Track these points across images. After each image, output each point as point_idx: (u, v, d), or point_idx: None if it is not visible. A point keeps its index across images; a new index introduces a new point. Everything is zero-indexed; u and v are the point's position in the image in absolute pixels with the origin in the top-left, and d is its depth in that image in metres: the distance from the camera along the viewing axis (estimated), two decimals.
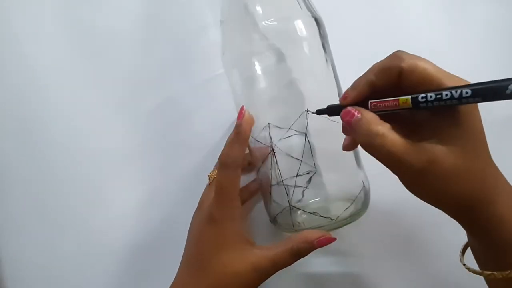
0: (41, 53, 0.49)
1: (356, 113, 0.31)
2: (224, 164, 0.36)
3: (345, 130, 0.34)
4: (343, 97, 0.33)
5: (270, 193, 0.39)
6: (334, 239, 0.36)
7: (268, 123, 0.37)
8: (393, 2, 0.49)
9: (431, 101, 0.28)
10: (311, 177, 0.38)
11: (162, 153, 0.48)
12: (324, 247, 0.35)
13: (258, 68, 0.38)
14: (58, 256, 0.47)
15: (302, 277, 0.45)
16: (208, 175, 0.42)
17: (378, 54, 0.46)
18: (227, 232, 0.36)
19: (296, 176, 0.38)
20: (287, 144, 0.38)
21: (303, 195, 0.38)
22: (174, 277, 0.38)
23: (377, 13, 0.49)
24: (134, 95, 0.49)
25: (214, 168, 0.43)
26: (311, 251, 0.35)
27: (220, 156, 0.37)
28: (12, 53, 0.49)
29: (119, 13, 0.50)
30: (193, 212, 0.41)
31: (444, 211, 0.32)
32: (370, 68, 0.32)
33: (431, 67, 0.29)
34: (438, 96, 0.28)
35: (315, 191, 0.38)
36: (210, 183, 0.41)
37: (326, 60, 0.39)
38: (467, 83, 0.28)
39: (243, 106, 0.37)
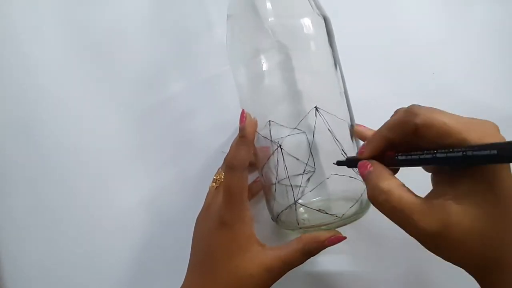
0: (42, 53, 0.49)
1: (368, 166, 0.32)
2: (232, 167, 0.36)
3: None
4: (360, 152, 0.34)
5: (274, 191, 0.39)
6: (345, 238, 0.36)
7: (269, 121, 0.38)
8: (394, 2, 0.49)
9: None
10: (310, 176, 0.38)
11: (165, 151, 0.48)
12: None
13: (265, 65, 0.38)
14: (58, 256, 0.47)
15: (300, 276, 0.45)
16: (214, 178, 0.42)
17: (378, 53, 0.48)
18: (239, 235, 0.36)
19: (303, 174, 0.38)
20: (291, 142, 0.38)
21: (304, 193, 0.38)
22: (175, 275, 0.38)
23: (377, 12, 0.49)
24: (136, 93, 0.49)
25: (218, 171, 0.43)
26: (322, 250, 0.36)
27: (226, 159, 0.38)
28: (12, 53, 0.49)
29: (120, 13, 0.50)
30: (195, 210, 0.41)
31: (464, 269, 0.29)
32: (385, 123, 0.32)
33: (450, 120, 0.28)
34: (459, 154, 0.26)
35: (317, 189, 0.38)
36: (217, 187, 0.41)
37: (333, 58, 0.39)
38: (492, 139, 0.26)
39: (243, 110, 0.37)
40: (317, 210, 0.37)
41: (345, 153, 0.37)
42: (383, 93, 0.47)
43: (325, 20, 0.39)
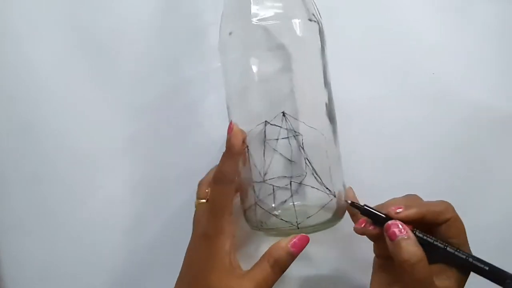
0: (42, 52, 0.48)
1: (404, 231, 0.33)
2: (217, 180, 0.36)
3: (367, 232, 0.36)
4: (395, 210, 0.34)
5: (247, 188, 0.38)
6: (308, 239, 0.35)
7: (265, 121, 0.37)
8: (393, 2, 0.49)
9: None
10: (290, 181, 0.37)
11: (165, 150, 0.48)
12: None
13: (255, 66, 0.38)
14: (58, 256, 0.47)
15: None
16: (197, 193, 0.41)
17: (378, 54, 0.48)
18: (218, 251, 0.35)
19: (292, 178, 0.37)
20: (278, 144, 0.38)
21: (275, 197, 0.37)
22: (171, 274, 0.38)
23: (377, 13, 0.49)
24: (136, 92, 0.48)
25: (199, 185, 0.42)
26: (291, 258, 0.35)
27: (214, 172, 0.37)
28: (12, 52, 0.48)
29: (121, 10, 0.49)
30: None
31: None
32: (426, 204, 0.35)
33: (463, 226, 0.35)
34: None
35: (299, 194, 0.37)
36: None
37: (323, 66, 0.39)
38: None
39: (231, 121, 0.37)
40: (272, 215, 0.36)
41: (309, 161, 0.37)
42: (383, 94, 0.47)
43: (319, 26, 0.39)
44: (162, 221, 0.47)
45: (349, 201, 0.37)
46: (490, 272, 0.33)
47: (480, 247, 0.45)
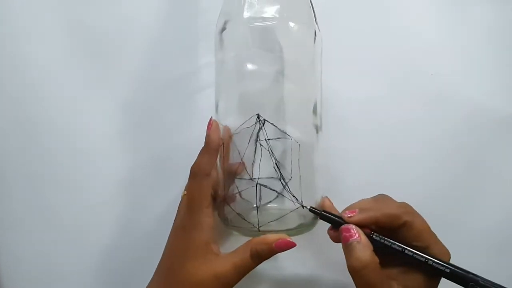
0: (41, 52, 0.48)
1: (356, 235, 0.34)
2: (193, 173, 0.38)
3: (335, 238, 0.37)
4: (348, 215, 0.35)
5: (219, 186, 0.39)
6: (294, 245, 0.36)
7: (258, 118, 0.38)
8: (392, 3, 0.48)
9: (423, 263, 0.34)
10: (256, 184, 0.38)
11: (160, 147, 0.48)
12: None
13: (245, 65, 0.39)
14: (57, 256, 0.47)
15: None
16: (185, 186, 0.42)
17: (376, 54, 0.47)
18: (195, 241, 0.36)
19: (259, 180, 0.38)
20: (257, 145, 0.38)
21: (260, 196, 0.38)
22: None
23: (376, 13, 0.48)
24: (136, 91, 0.48)
25: None
26: (271, 254, 0.36)
27: (191, 166, 0.38)
28: (12, 52, 0.48)
29: (116, 9, 0.49)
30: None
31: None
32: (381, 207, 0.35)
33: (426, 228, 0.35)
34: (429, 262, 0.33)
35: (279, 198, 0.38)
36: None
37: (315, 72, 0.39)
38: (447, 253, 0.35)
39: (211, 117, 0.38)
40: (237, 214, 0.37)
41: (278, 167, 0.37)
42: (381, 94, 0.47)
43: (316, 34, 0.39)
44: (160, 216, 0.47)
45: (308, 207, 0.37)
46: (452, 274, 0.33)
47: (480, 247, 0.46)
